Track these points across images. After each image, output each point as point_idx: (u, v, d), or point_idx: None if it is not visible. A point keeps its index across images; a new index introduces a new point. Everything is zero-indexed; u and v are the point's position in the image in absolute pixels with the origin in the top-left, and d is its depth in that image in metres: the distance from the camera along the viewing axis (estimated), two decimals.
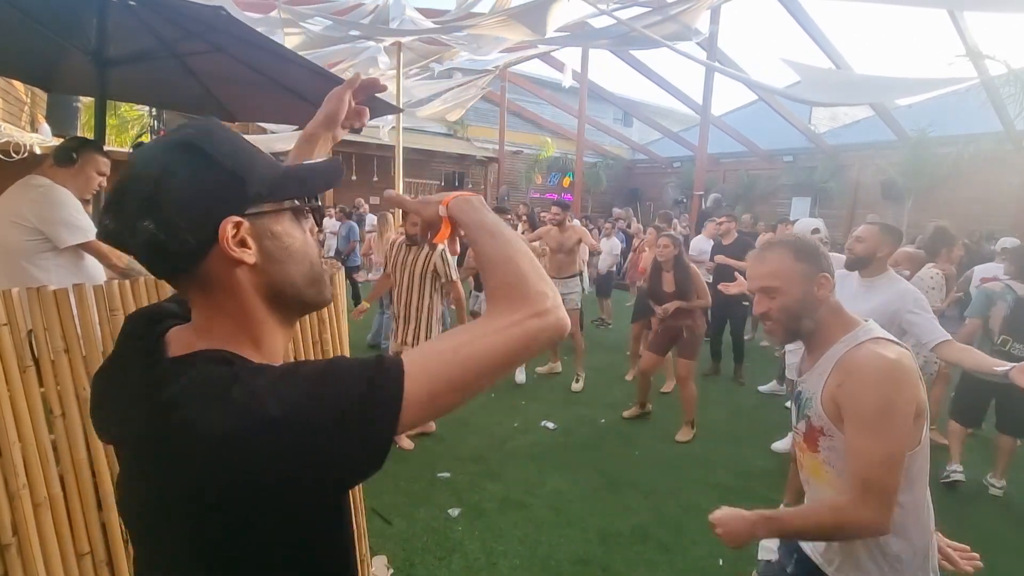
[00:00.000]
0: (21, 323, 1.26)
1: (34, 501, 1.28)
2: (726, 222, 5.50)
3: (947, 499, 3.28)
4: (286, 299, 0.64)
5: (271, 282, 0.62)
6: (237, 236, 0.58)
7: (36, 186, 2.27)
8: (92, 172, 2.42)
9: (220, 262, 0.59)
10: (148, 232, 0.55)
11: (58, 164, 2.35)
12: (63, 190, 2.30)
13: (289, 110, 3.60)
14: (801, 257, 1.23)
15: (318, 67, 2.89)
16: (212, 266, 0.59)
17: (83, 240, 2.30)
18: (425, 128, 12.83)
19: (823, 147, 12.55)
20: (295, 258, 0.64)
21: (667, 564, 2.58)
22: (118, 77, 2.89)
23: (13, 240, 2.22)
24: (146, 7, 2.65)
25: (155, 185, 0.56)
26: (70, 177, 2.36)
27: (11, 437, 1.23)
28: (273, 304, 0.63)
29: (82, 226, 2.31)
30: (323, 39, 5.63)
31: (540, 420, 4.16)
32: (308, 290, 0.65)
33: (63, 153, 2.37)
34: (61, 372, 1.34)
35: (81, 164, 2.38)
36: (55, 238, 2.26)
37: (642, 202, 16.35)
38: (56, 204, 2.25)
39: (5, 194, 2.31)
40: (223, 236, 0.57)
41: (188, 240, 0.56)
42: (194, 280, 0.60)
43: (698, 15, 5.76)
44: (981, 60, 7.02)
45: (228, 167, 0.58)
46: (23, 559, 1.26)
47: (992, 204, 9.93)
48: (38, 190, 2.25)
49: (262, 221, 0.60)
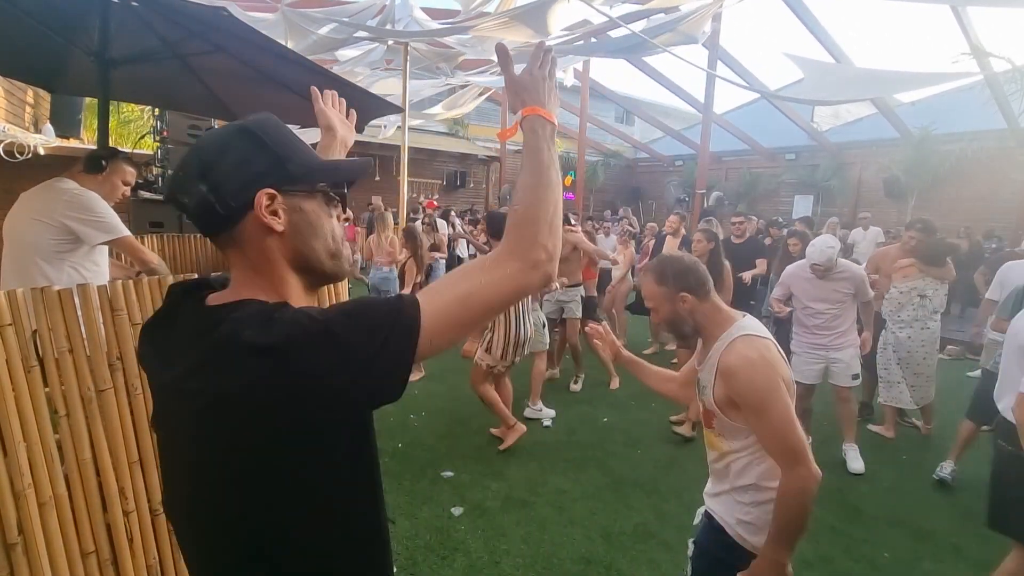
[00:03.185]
0: (26, 323, 1.27)
1: (39, 500, 1.29)
2: (743, 223, 5.46)
3: (954, 495, 3.28)
4: (309, 267, 0.75)
5: (296, 249, 0.73)
6: (271, 207, 0.70)
7: (67, 189, 2.32)
8: (118, 181, 2.52)
9: (255, 226, 0.70)
10: (200, 193, 0.68)
11: (87, 171, 2.43)
12: (93, 193, 2.38)
13: (291, 110, 3.58)
14: (662, 281, 1.51)
15: (319, 67, 2.90)
16: (248, 229, 0.70)
17: (118, 236, 2.37)
18: (427, 128, 12.84)
19: (826, 145, 12.52)
20: (319, 233, 0.75)
21: (670, 563, 2.58)
22: (121, 78, 2.90)
23: (33, 238, 2.26)
24: (148, 8, 2.65)
25: (214, 156, 0.69)
26: (97, 184, 2.43)
27: (16, 437, 1.24)
28: (298, 270, 0.75)
29: (116, 224, 2.38)
30: (328, 41, 5.62)
31: (542, 419, 4.16)
32: (328, 262, 0.76)
33: (93, 161, 2.45)
34: (65, 372, 1.35)
35: (109, 172, 2.47)
36: (87, 236, 2.32)
37: (644, 201, 16.34)
38: (90, 204, 2.33)
39: (28, 194, 2.36)
40: (258, 204, 0.69)
41: (230, 204, 0.69)
42: (233, 240, 0.72)
43: (703, 23, 5.75)
44: (985, 57, 6.99)
45: (273, 150, 0.71)
46: (29, 557, 1.27)
47: (995, 201, 9.90)
48: (71, 192, 2.32)
49: (295, 198, 0.72)
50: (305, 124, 3.21)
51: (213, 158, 0.69)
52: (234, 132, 0.72)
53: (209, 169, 0.69)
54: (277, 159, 0.71)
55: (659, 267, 1.54)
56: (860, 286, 3.47)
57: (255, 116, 0.74)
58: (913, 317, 3.88)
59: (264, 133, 0.72)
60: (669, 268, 1.51)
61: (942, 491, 3.38)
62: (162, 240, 3.56)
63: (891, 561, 2.66)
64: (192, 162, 0.70)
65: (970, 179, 10.14)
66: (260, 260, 0.72)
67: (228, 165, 0.69)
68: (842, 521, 2.96)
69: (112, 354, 1.43)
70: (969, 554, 2.75)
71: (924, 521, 3.02)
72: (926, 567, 2.64)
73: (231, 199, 0.69)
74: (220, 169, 0.69)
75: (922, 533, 2.90)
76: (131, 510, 1.47)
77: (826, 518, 2.93)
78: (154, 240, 3.50)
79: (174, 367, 0.68)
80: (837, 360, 3.53)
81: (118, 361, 1.44)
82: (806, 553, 2.62)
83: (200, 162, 0.69)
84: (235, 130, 0.72)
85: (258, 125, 0.72)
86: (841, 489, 3.27)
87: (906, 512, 3.09)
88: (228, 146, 0.70)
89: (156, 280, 1.51)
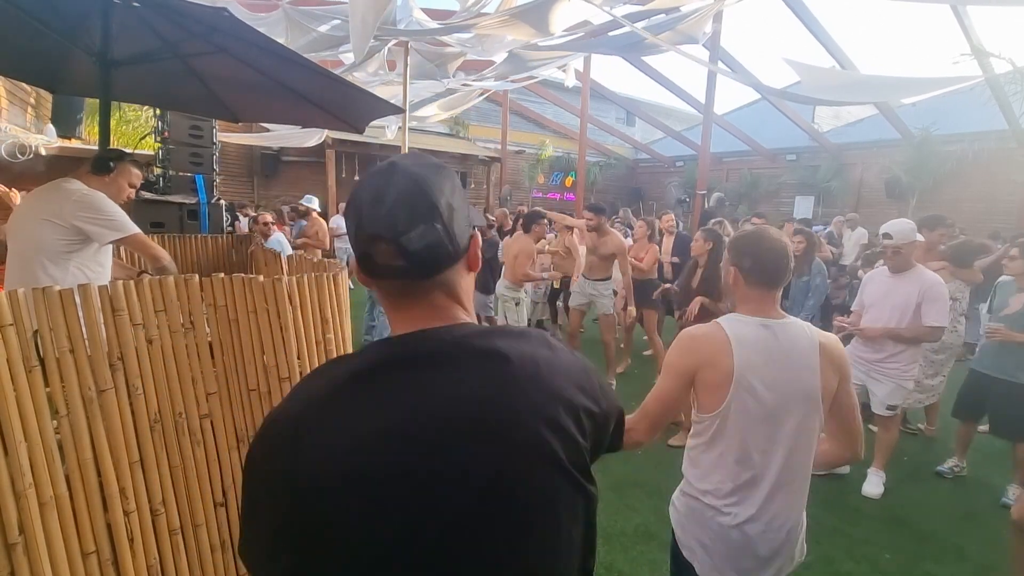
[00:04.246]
0: (27, 323, 1.27)
1: (40, 500, 1.29)
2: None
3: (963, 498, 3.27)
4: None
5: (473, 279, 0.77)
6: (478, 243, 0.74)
7: (75, 190, 2.34)
8: (124, 183, 2.54)
9: (463, 264, 0.72)
10: (436, 234, 0.66)
11: (94, 172, 2.45)
12: (101, 193, 2.39)
13: (291, 110, 3.61)
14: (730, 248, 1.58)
15: (320, 68, 2.90)
16: (459, 267, 0.71)
17: (128, 234, 2.39)
18: (428, 128, 12.85)
19: (827, 146, 12.51)
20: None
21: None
22: (122, 78, 2.91)
23: (40, 237, 2.27)
24: (150, 9, 2.66)
25: (447, 196, 0.68)
26: (103, 185, 2.45)
27: (17, 437, 1.24)
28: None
29: (126, 223, 2.40)
30: (328, 39, 5.63)
31: None
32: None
33: (101, 162, 2.47)
34: (66, 372, 1.35)
35: (116, 174, 2.49)
36: (99, 236, 2.33)
37: (645, 201, 16.34)
38: (99, 204, 2.34)
39: (34, 194, 2.38)
40: (475, 242, 0.73)
41: (459, 244, 0.69)
42: (448, 277, 0.70)
43: (704, 23, 5.75)
44: (986, 58, 6.98)
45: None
46: (29, 557, 1.27)
47: (996, 202, 9.89)
48: (80, 193, 2.33)
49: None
50: (306, 124, 3.21)
51: (447, 199, 0.68)
52: (446, 173, 0.71)
53: (443, 211, 0.67)
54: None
55: (737, 235, 1.60)
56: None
57: (427, 158, 0.73)
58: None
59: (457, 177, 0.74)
60: (739, 239, 1.55)
61: (943, 492, 3.37)
62: (163, 240, 3.56)
63: (892, 562, 2.66)
64: (421, 202, 0.66)
65: (971, 180, 10.13)
66: (462, 298, 0.73)
67: (457, 208, 0.69)
68: (843, 522, 2.95)
69: (113, 354, 1.43)
70: (971, 555, 2.74)
71: (925, 522, 3.01)
72: (927, 568, 2.63)
73: (460, 240, 0.69)
74: (451, 212, 0.68)
75: (923, 534, 2.90)
76: (131, 510, 1.47)
77: (827, 519, 2.92)
78: (155, 240, 3.50)
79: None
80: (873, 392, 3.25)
81: (119, 361, 1.44)
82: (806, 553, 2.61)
83: (432, 203, 0.66)
84: (444, 171, 0.71)
85: (441, 165, 0.73)
86: (841, 490, 3.27)
87: (907, 512, 3.09)
88: (454, 186, 0.70)
89: (157, 280, 1.52)
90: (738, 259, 1.49)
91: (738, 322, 1.44)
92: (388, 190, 0.66)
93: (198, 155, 4.31)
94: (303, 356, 1.76)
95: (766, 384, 1.37)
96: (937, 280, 3.06)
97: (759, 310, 1.46)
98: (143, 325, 1.48)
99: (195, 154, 4.30)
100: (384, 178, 0.68)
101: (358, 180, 0.75)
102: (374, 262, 0.67)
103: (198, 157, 4.31)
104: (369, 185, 0.68)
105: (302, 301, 1.75)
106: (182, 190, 4.23)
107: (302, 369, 1.73)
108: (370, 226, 0.65)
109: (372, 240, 0.66)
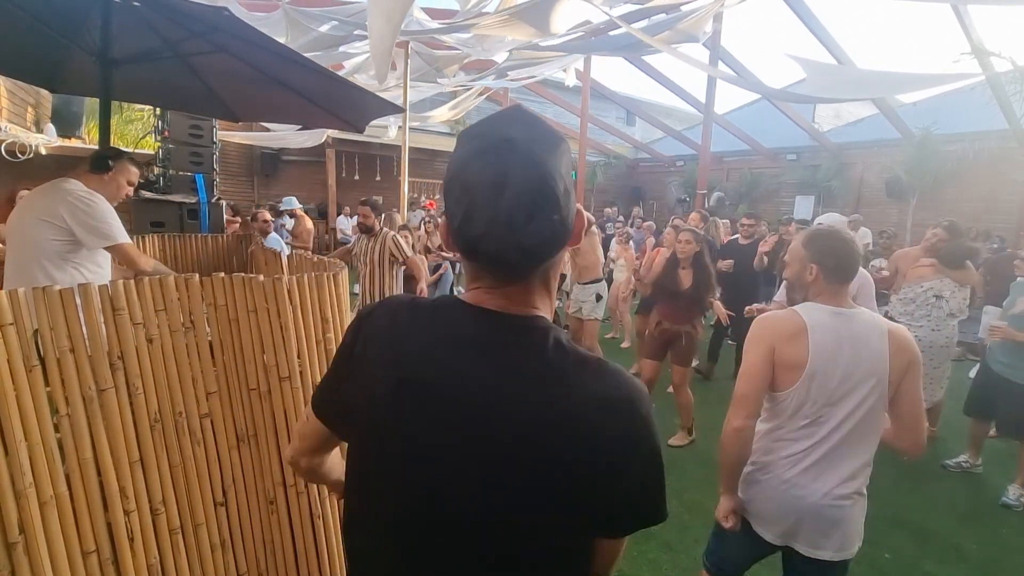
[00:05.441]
0: (27, 323, 1.27)
1: (40, 499, 1.29)
2: (754, 225, 5.49)
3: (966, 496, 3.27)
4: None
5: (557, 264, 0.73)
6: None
7: (72, 190, 2.32)
8: (123, 181, 2.53)
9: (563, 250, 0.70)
10: (554, 224, 0.63)
11: (93, 171, 2.43)
12: (98, 195, 2.38)
13: (291, 110, 3.61)
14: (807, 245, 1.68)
15: (320, 67, 2.89)
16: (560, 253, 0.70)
17: (115, 243, 2.36)
18: (428, 128, 12.84)
19: (827, 145, 12.50)
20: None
21: (670, 563, 2.58)
22: (122, 78, 2.90)
23: (38, 237, 2.26)
24: (150, 8, 2.66)
25: (564, 182, 0.64)
26: (102, 184, 2.44)
27: (17, 436, 1.24)
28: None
29: (114, 232, 2.37)
30: (328, 39, 5.63)
31: None
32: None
33: (99, 161, 2.46)
34: (67, 371, 1.35)
35: (114, 173, 2.48)
36: (87, 241, 2.31)
37: (645, 201, 16.32)
38: (92, 208, 2.32)
39: (34, 193, 2.38)
40: (578, 230, 0.69)
41: (570, 229, 0.67)
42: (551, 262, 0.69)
43: (704, 23, 5.75)
44: (986, 57, 6.97)
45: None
46: (30, 557, 1.27)
47: (997, 202, 9.88)
48: (76, 193, 2.32)
49: None
50: (306, 124, 3.21)
51: (564, 183, 0.64)
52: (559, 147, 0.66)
53: (561, 199, 0.63)
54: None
55: (813, 234, 1.70)
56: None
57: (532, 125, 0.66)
58: (925, 316, 3.77)
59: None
60: (819, 238, 1.66)
61: (943, 491, 3.37)
62: (163, 240, 3.56)
63: (892, 561, 2.66)
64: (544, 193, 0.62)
65: (971, 180, 10.11)
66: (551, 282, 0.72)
67: (570, 182, 0.66)
68: None
69: (113, 353, 1.43)
70: (970, 555, 2.74)
71: (925, 522, 3.01)
72: (927, 568, 2.63)
73: (571, 221, 0.67)
74: (566, 199, 0.64)
75: (923, 534, 2.90)
76: (132, 509, 1.47)
77: None
78: (155, 240, 3.50)
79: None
80: None
81: (119, 360, 1.44)
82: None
83: (552, 194, 0.62)
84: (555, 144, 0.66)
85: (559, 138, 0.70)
86: None
87: (907, 512, 3.09)
88: (568, 161, 0.67)
89: (157, 280, 1.51)
90: (821, 258, 1.61)
91: (814, 309, 1.59)
92: (508, 178, 0.60)
93: (198, 154, 4.31)
94: (303, 355, 1.76)
95: (838, 365, 1.51)
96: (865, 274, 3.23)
97: (833, 301, 1.60)
98: (143, 324, 1.48)
99: (195, 153, 4.30)
100: (503, 161, 0.61)
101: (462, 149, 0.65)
102: (478, 251, 0.63)
103: (198, 156, 4.31)
104: (485, 167, 0.62)
105: (302, 300, 1.75)
106: (182, 189, 4.23)
107: (302, 369, 1.73)
108: (484, 217, 0.61)
109: (485, 232, 0.61)
